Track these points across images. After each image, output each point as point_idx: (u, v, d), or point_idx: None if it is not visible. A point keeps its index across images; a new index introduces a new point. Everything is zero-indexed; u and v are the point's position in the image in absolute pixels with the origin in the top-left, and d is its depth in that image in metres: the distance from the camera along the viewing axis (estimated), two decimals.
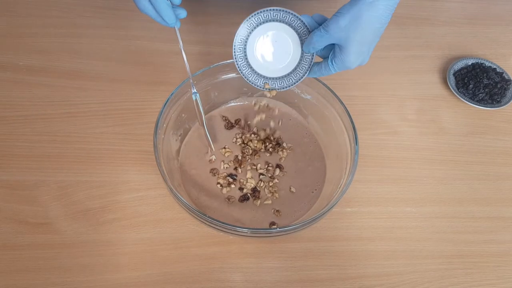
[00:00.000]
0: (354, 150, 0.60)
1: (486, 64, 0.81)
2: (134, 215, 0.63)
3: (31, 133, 0.70)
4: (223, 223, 0.53)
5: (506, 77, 0.80)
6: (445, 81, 0.81)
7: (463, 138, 0.75)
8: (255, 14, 0.58)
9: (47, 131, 0.70)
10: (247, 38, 0.59)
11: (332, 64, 0.55)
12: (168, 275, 0.59)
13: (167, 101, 0.62)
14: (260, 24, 0.58)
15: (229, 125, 0.71)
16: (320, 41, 0.54)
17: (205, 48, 0.83)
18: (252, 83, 0.61)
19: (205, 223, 0.56)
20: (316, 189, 0.66)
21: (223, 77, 0.68)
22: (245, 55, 0.60)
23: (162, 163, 0.59)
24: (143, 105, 0.74)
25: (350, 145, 0.62)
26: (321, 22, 0.56)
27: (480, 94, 0.77)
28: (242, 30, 0.58)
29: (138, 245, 0.61)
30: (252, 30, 0.59)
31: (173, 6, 0.53)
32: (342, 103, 0.63)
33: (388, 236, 0.64)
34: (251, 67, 0.60)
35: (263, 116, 0.69)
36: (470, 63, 0.81)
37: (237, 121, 0.72)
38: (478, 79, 0.78)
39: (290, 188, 0.66)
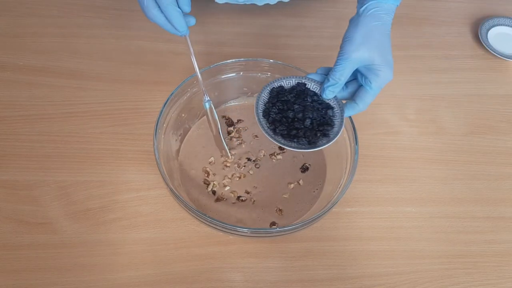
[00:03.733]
0: (354, 150, 0.60)
1: None
2: (134, 215, 0.64)
3: (31, 133, 0.70)
4: (223, 223, 0.53)
5: None
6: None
7: (463, 138, 0.75)
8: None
9: (47, 131, 0.70)
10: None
11: (370, 85, 0.53)
12: (168, 275, 0.59)
13: (167, 101, 0.62)
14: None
15: (230, 123, 0.71)
16: (344, 72, 0.53)
17: (205, 48, 0.83)
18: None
19: (205, 223, 0.56)
20: (317, 189, 0.66)
21: (223, 77, 0.68)
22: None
23: (162, 163, 0.59)
24: (143, 105, 0.74)
25: (350, 145, 0.62)
26: (327, 73, 0.56)
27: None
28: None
29: (138, 245, 0.61)
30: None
31: (183, 14, 0.52)
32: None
33: (388, 236, 0.64)
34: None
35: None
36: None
37: (239, 121, 0.72)
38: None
39: (300, 180, 0.66)
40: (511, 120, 0.77)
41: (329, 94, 0.56)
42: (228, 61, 0.66)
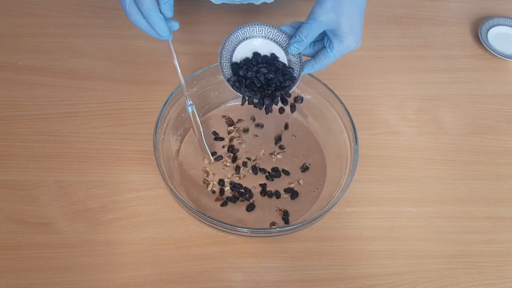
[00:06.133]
0: (354, 150, 0.60)
1: None
2: (134, 215, 0.64)
3: (31, 133, 0.70)
4: (223, 223, 0.53)
5: None
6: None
7: (463, 138, 0.75)
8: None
9: (47, 131, 0.70)
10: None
11: (332, 49, 0.55)
12: (168, 275, 0.59)
13: (167, 101, 0.62)
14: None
15: (230, 122, 0.71)
16: (310, 32, 0.54)
17: (205, 48, 0.83)
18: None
19: (205, 223, 0.56)
20: (317, 189, 0.66)
21: (223, 77, 0.68)
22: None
23: (162, 163, 0.59)
24: (143, 105, 0.74)
25: (350, 145, 0.62)
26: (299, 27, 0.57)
27: None
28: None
29: (138, 245, 0.61)
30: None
31: (166, 19, 0.53)
32: (342, 103, 0.63)
33: (388, 236, 0.64)
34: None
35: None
36: None
37: (240, 121, 0.72)
38: None
39: (299, 180, 0.66)
40: (511, 120, 0.77)
41: (294, 50, 0.57)
42: None
